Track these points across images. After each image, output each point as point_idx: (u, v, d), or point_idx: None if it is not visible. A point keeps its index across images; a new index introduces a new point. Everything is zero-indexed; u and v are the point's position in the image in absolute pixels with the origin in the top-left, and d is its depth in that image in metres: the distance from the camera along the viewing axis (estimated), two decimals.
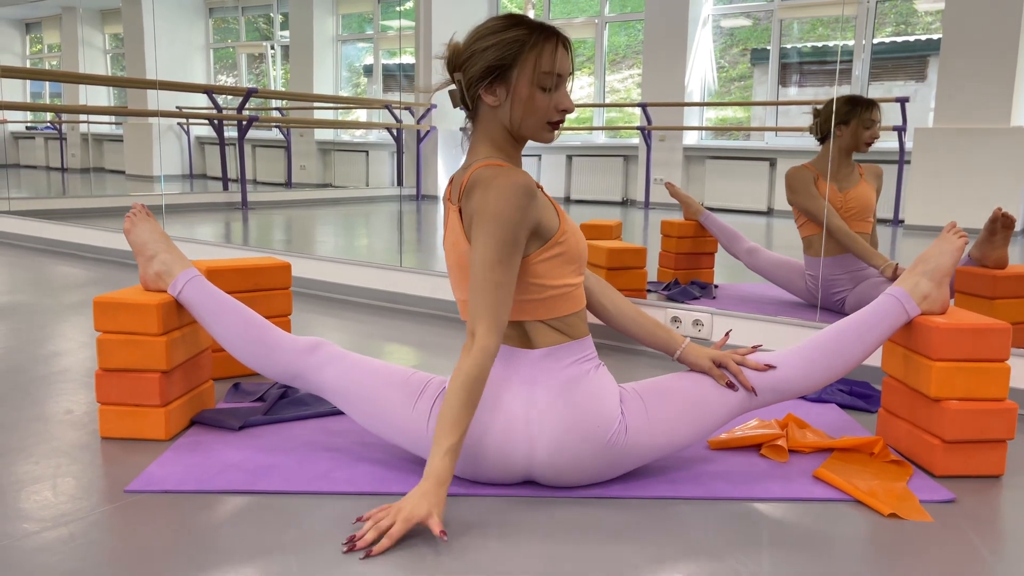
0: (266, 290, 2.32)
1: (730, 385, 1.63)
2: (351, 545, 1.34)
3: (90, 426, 1.90)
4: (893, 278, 2.84)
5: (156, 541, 1.37)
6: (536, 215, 1.51)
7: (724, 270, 3.98)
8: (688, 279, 3.82)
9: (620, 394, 1.58)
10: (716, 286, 3.79)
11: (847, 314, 1.80)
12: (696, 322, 2.68)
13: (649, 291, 3.68)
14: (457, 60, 1.56)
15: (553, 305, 1.57)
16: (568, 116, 1.58)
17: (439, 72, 1.66)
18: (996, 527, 1.50)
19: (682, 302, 3.31)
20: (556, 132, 1.60)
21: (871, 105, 3.19)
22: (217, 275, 2.23)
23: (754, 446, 1.83)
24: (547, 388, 1.54)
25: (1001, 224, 2.44)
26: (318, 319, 3.17)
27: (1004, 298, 2.41)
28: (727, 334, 1.81)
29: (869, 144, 3.21)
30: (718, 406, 1.63)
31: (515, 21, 1.54)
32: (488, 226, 1.46)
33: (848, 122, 3.15)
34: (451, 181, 1.63)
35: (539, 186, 1.56)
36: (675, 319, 2.73)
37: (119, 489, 1.57)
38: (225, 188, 7.73)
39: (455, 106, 1.59)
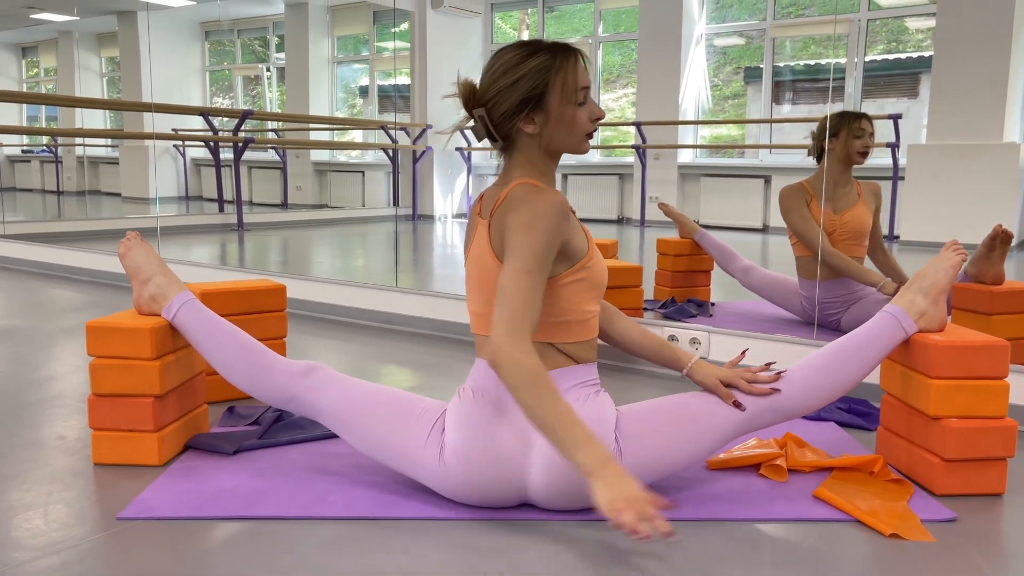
0: (261, 312, 2.31)
1: (737, 404, 1.62)
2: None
3: (83, 452, 1.88)
4: (893, 295, 2.83)
5: (149, 569, 1.35)
6: (567, 234, 1.52)
7: (720, 288, 3.97)
8: (684, 297, 3.82)
9: (617, 419, 1.57)
10: (713, 304, 3.79)
11: (844, 332, 1.79)
12: (693, 340, 2.67)
13: (646, 309, 3.67)
14: (478, 99, 1.56)
15: (569, 330, 1.57)
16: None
17: (434, 93, 1.68)
18: (999, 546, 1.49)
19: (679, 320, 3.31)
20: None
21: (860, 116, 3.19)
22: (211, 298, 2.22)
23: (753, 466, 1.82)
24: None
25: (1000, 240, 2.44)
26: (314, 341, 3.15)
27: (1001, 314, 2.40)
28: (743, 353, 1.80)
29: (863, 155, 3.20)
30: (715, 428, 1.61)
31: (533, 48, 1.56)
32: (522, 239, 1.46)
33: (838, 134, 3.15)
34: (482, 196, 1.64)
35: (572, 211, 1.56)
36: (672, 337, 2.72)
37: (112, 516, 1.55)
38: (221, 209, 7.72)
39: (479, 139, 1.60)
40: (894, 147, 6.40)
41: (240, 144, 7.07)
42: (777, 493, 1.68)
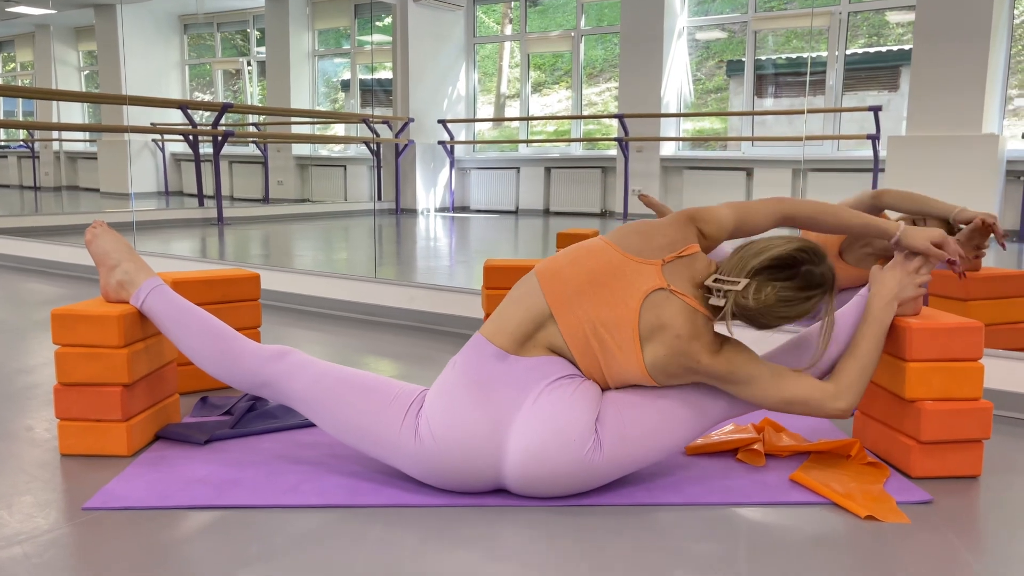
0: (234, 302, 2.28)
1: (951, 263, 1.69)
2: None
3: (50, 443, 1.85)
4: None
5: (115, 559, 1.32)
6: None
7: None
8: None
9: (600, 410, 1.55)
10: None
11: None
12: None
13: None
14: (741, 303, 1.53)
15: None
16: (546, 129, 1.61)
17: (417, 86, 1.65)
18: (974, 527, 1.48)
19: None
20: None
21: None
22: (184, 287, 2.18)
23: (730, 451, 1.81)
24: (534, 395, 1.52)
25: (980, 232, 2.44)
26: (292, 332, 3.12)
27: (978, 299, 2.41)
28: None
29: None
30: (697, 418, 1.59)
31: (815, 285, 1.55)
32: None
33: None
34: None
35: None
36: None
37: (77, 507, 1.52)
38: (201, 204, 7.65)
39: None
40: (874, 139, 6.43)
41: (220, 138, 7.00)
42: (754, 477, 1.68)
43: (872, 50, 7.14)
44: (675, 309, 1.52)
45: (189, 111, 7.17)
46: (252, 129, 9.91)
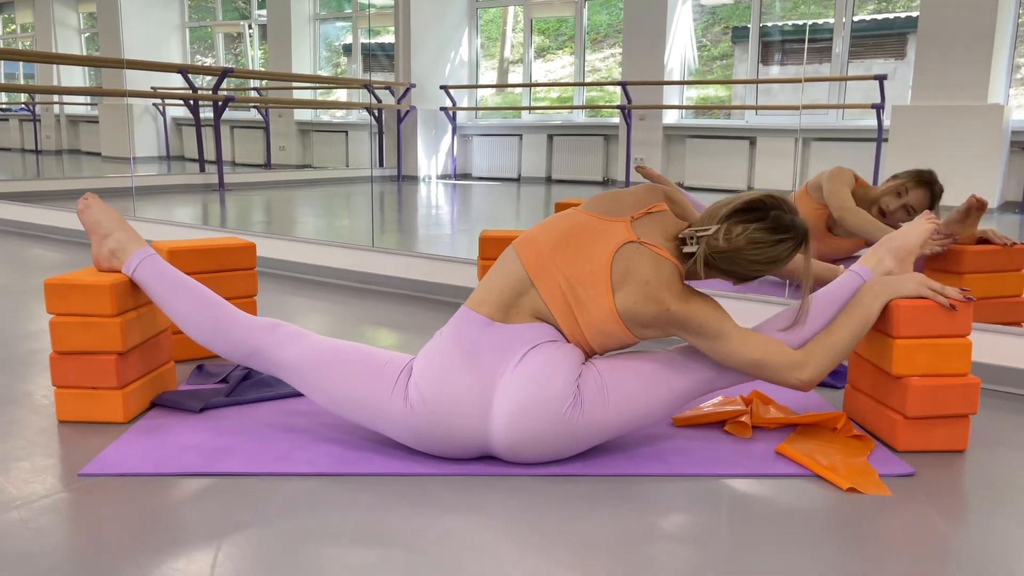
0: (230, 271, 2.29)
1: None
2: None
3: (48, 409, 1.87)
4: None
5: (110, 525, 1.35)
6: None
7: None
8: None
9: (583, 371, 1.57)
10: None
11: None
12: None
13: None
14: (713, 244, 1.56)
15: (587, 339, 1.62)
16: (550, 95, 1.65)
17: (419, 51, 1.67)
18: (955, 500, 1.50)
19: None
20: None
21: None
22: (179, 256, 2.19)
23: (718, 423, 1.83)
24: (517, 358, 1.54)
25: (975, 209, 2.45)
26: (289, 299, 3.14)
27: (972, 273, 2.41)
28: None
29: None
30: (680, 385, 1.61)
31: (784, 234, 1.58)
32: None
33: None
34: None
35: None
36: None
37: (73, 473, 1.54)
38: (202, 169, 7.64)
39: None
40: (879, 108, 6.38)
41: (220, 103, 6.97)
42: (740, 449, 1.70)
43: (880, 17, 7.06)
44: (645, 258, 1.57)
45: (189, 75, 7.13)
46: (253, 94, 9.85)
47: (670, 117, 7.34)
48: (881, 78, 6.28)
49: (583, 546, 1.30)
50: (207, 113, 7.91)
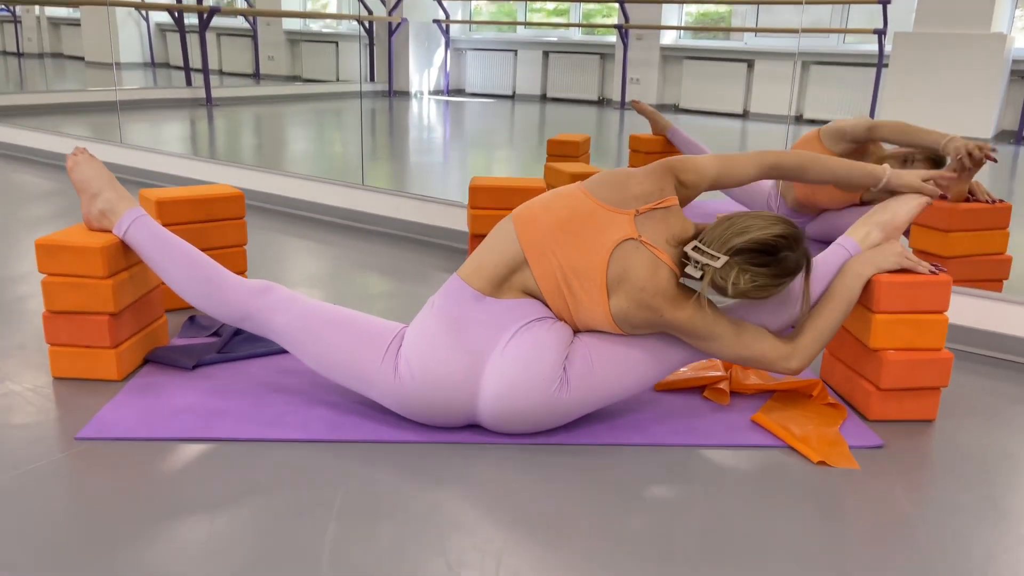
0: (219, 220, 2.29)
1: (942, 197, 1.79)
2: None
3: (43, 364, 1.91)
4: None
5: (107, 492, 1.40)
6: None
7: None
8: None
9: (570, 351, 1.61)
10: None
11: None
12: None
13: None
14: (717, 281, 1.56)
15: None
16: (546, 6, 1.60)
17: None
18: (920, 474, 1.57)
19: None
20: None
21: None
22: (168, 207, 2.19)
23: (698, 387, 1.88)
24: (507, 336, 1.57)
25: (972, 162, 2.43)
26: (278, 241, 3.15)
27: (959, 231, 2.43)
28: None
29: None
30: (667, 361, 1.65)
31: (788, 272, 1.57)
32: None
33: None
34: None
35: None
36: None
37: (70, 435, 1.59)
38: (188, 83, 7.48)
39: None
40: (880, 34, 6.25)
41: (205, 15, 6.76)
42: (717, 417, 1.75)
43: None
44: (643, 261, 1.56)
45: None
46: (240, 4, 9.55)
47: (668, 38, 7.18)
48: (885, 2, 6.13)
49: (562, 520, 1.37)
50: (192, 19, 7.67)
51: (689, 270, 1.56)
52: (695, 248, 1.56)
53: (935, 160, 2.72)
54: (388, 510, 1.38)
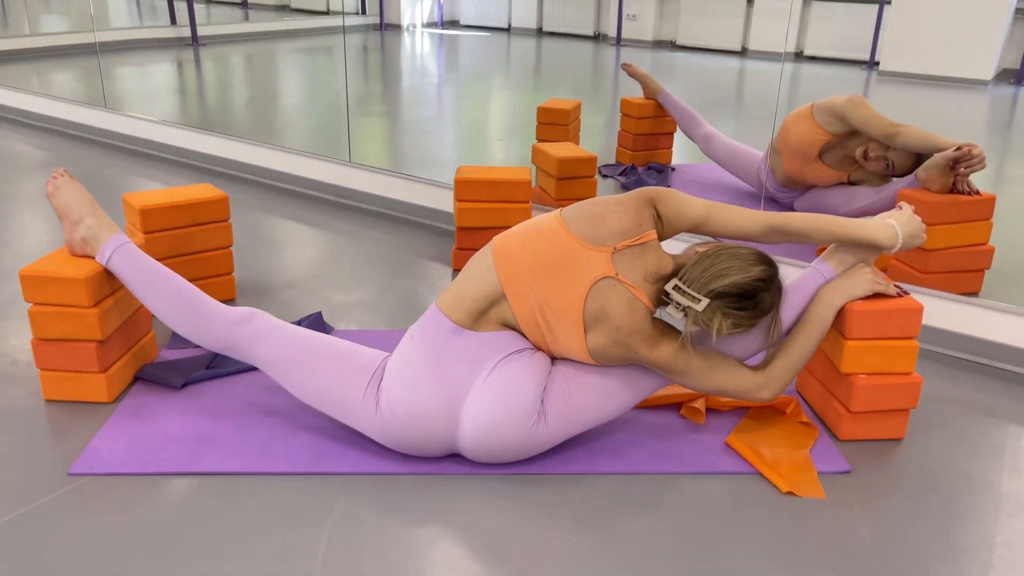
0: (204, 224, 2.30)
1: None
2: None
3: (33, 383, 1.95)
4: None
5: (102, 533, 1.46)
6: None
7: (685, 149, 3.95)
8: (646, 161, 3.79)
9: (548, 382, 1.65)
10: (673, 168, 3.77)
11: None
12: None
13: (604, 176, 3.66)
14: (696, 323, 1.58)
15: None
16: None
17: None
18: (884, 504, 1.63)
19: None
20: None
21: None
22: (153, 213, 2.20)
23: (675, 404, 1.93)
24: (486, 371, 1.61)
25: (962, 163, 2.41)
26: (265, 223, 3.15)
27: (941, 224, 2.44)
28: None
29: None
30: (642, 389, 1.70)
31: (764, 311, 1.61)
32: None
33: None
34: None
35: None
36: None
37: (64, 468, 1.64)
38: (173, 21, 7.30)
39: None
40: None
41: None
42: (691, 438, 1.81)
43: None
44: (620, 299, 1.58)
45: None
46: None
47: None
48: None
49: (536, 557, 1.43)
50: None
51: (670, 310, 1.59)
52: (676, 288, 1.58)
53: (916, 156, 2.71)
54: (371, 551, 1.45)
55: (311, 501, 1.58)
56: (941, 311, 2.26)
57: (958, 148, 2.42)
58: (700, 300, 1.55)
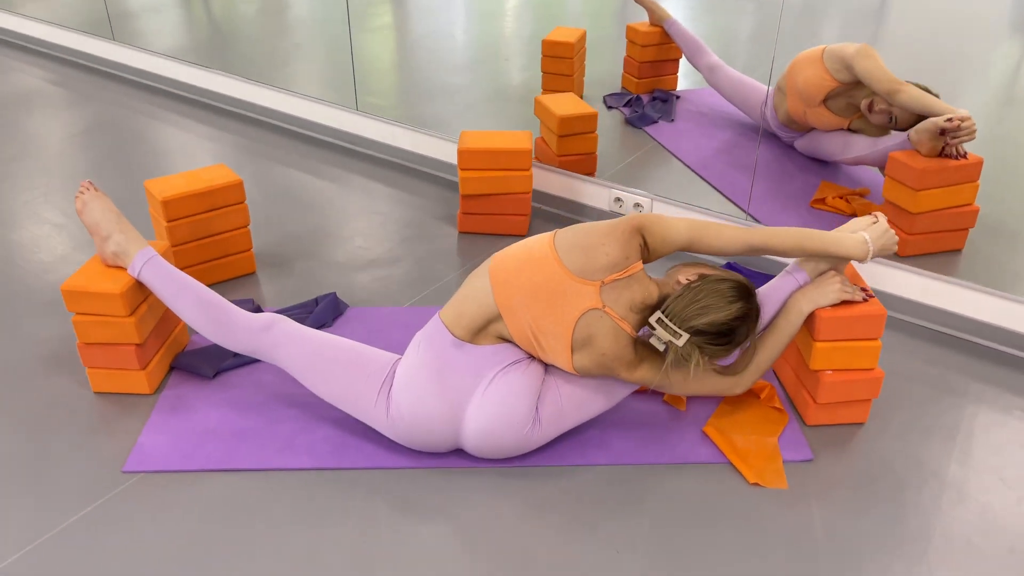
0: (222, 208, 2.44)
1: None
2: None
3: (79, 375, 2.16)
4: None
5: (162, 530, 1.71)
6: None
7: (691, 74, 3.94)
8: (651, 88, 3.81)
9: (542, 391, 1.84)
10: (678, 96, 3.79)
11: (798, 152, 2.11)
12: (636, 205, 2.82)
13: (609, 107, 3.70)
14: (677, 355, 1.73)
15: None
16: None
17: None
18: (839, 495, 1.83)
19: (640, 128, 3.40)
20: None
21: None
22: (173, 204, 2.34)
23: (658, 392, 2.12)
24: (486, 382, 1.80)
25: (950, 134, 2.47)
26: (280, 172, 3.26)
27: (927, 189, 2.53)
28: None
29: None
30: (627, 388, 1.89)
31: (738, 343, 1.76)
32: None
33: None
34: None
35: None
36: (618, 199, 2.85)
37: (117, 466, 1.88)
38: None
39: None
40: None
41: None
42: (672, 426, 2.01)
43: None
44: (605, 329, 1.74)
45: None
46: None
47: None
48: None
49: (526, 554, 1.67)
50: None
51: (653, 341, 1.76)
52: (659, 320, 1.73)
53: (920, 115, 2.74)
54: (385, 555, 1.69)
55: (333, 495, 1.82)
56: (913, 285, 2.39)
57: (949, 119, 2.47)
58: (680, 335, 1.70)
